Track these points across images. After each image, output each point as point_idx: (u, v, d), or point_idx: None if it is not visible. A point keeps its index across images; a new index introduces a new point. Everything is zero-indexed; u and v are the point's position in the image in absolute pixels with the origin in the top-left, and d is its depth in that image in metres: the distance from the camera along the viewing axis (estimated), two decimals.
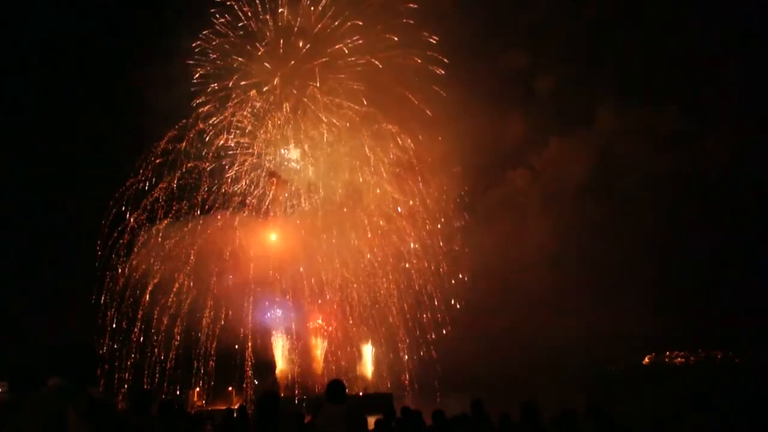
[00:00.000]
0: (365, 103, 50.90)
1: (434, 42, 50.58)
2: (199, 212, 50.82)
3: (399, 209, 54.20)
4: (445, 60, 51.06)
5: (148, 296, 48.62)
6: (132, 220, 48.60)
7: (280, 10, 50.46)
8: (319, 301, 54.01)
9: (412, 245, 54.15)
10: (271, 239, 52.71)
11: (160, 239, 49.37)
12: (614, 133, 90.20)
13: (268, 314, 54.02)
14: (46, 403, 2.99)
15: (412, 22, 50.31)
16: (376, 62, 50.45)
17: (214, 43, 50.13)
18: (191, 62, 49.56)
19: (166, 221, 50.09)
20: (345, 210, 53.16)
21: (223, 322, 49.59)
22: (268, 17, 50.75)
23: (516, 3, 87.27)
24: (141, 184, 48.70)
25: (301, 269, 51.92)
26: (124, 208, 48.34)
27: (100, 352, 44.54)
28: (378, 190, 53.47)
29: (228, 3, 49.56)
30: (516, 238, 73.95)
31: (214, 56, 50.40)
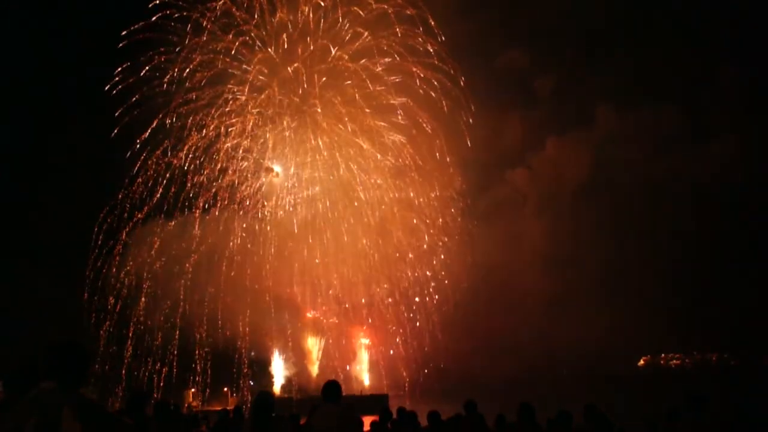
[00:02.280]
0: (365, 107, 51.00)
1: (434, 48, 50.70)
2: (197, 215, 50.86)
3: (397, 212, 54.30)
4: (444, 65, 51.20)
5: (144, 297, 48.61)
6: (130, 223, 48.62)
7: (278, 16, 50.40)
8: (314, 313, 54.03)
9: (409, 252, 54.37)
10: (269, 241, 52.66)
11: (156, 241, 49.37)
12: (613, 133, 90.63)
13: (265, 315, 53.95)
14: (40, 403, 2.98)
15: (411, 26, 50.35)
16: (377, 68, 50.48)
17: (210, 47, 50.03)
18: (188, 67, 49.46)
19: (162, 223, 50.07)
20: (338, 215, 53.24)
21: (219, 323, 49.56)
22: (266, 22, 50.71)
23: (516, 5, 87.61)
24: (139, 188, 48.83)
25: (295, 276, 51.99)
26: (122, 206, 48.37)
27: (91, 349, 44.44)
28: (380, 196, 53.57)
29: (225, 8, 49.46)
30: (513, 238, 74.17)
31: (212, 61, 50.30)
